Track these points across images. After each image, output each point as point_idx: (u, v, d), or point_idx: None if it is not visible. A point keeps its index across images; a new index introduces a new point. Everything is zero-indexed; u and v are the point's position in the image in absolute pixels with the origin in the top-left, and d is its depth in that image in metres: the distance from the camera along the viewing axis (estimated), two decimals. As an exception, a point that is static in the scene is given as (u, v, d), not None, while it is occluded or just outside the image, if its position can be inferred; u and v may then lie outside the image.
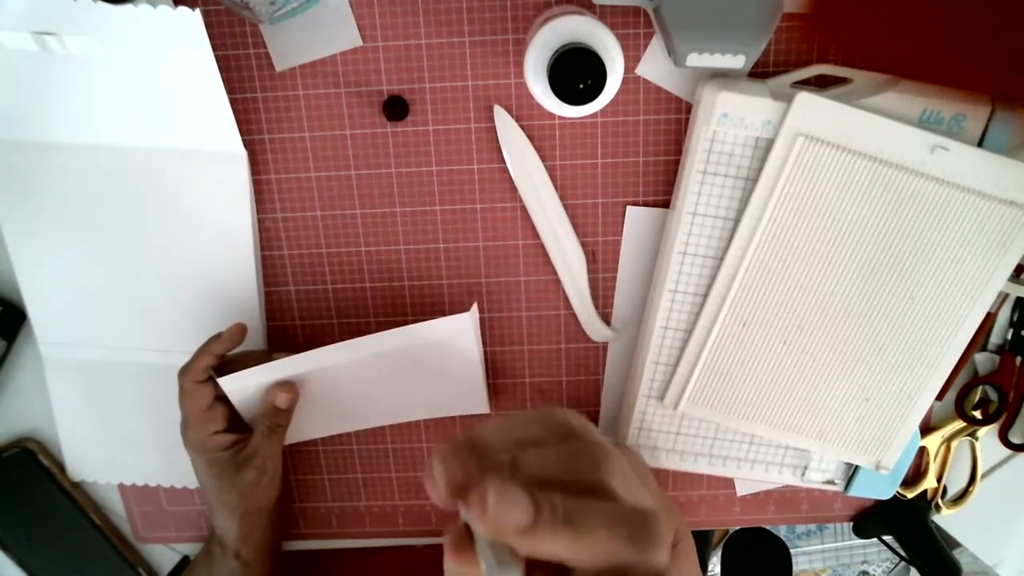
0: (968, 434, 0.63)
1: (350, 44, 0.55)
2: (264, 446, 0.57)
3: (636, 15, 0.54)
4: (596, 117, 0.56)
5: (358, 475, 0.66)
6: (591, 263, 0.59)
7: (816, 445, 0.59)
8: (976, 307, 0.54)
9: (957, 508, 0.65)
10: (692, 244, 0.55)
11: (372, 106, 0.56)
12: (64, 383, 0.63)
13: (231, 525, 0.58)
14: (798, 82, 0.53)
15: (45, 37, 0.51)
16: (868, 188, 0.51)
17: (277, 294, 0.61)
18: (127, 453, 0.65)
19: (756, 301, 0.55)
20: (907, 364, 0.56)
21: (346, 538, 0.68)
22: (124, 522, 0.68)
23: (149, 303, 0.60)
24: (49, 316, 0.61)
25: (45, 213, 0.58)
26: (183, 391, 0.56)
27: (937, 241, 0.52)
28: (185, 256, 0.59)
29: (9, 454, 0.65)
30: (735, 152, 0.52)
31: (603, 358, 0.62)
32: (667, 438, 0.61)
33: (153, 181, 0.57)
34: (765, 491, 0.66)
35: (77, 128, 0.55)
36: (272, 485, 0.59)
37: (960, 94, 0.50)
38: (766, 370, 0.57)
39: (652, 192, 0.58)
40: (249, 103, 0.56)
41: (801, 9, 0.52)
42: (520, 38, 0.54)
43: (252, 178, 0.58)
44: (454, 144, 0.57)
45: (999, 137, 0.51)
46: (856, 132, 0.50)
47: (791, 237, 0.53)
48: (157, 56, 0.51)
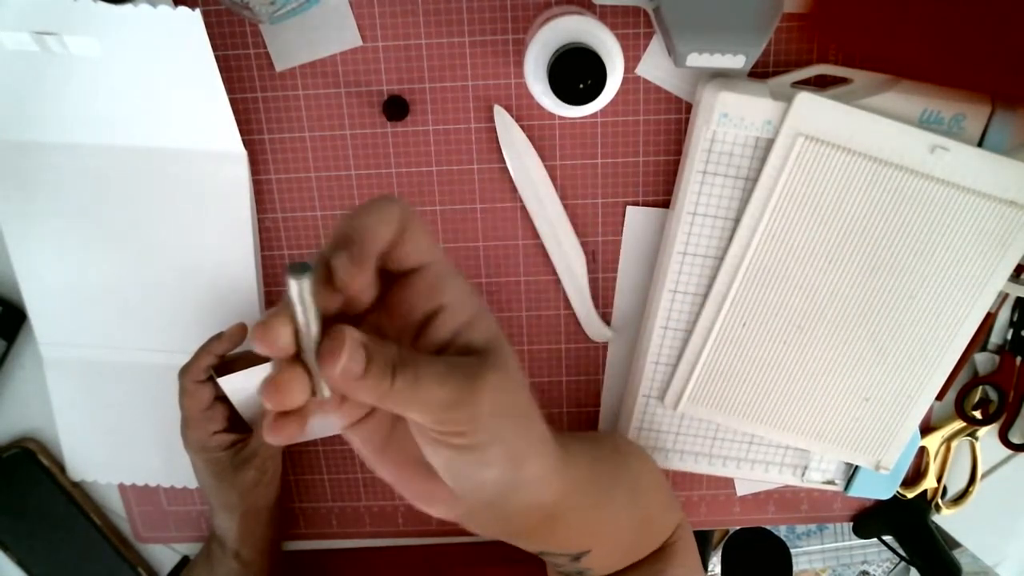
0: (968, 434, 0.63)
1: (350, 44, 0.55)
2: (264, 446, 0.57)
3: (636, 15, 0.54)
4: (596, 117, 0.56)
5: (358, 475, 0.66)
6: (591, 263, 0.59)
7: (816, 445, 0.59)
8: (976, 307, 0.54)
9: (957, 508, 0.65)
10: (692, 244, 0.55)
11: (372, 106, 0.56)
12: (64, 383, 0.63)
13: (231, 525, 0.58)
14: (798, 82, 0.53)
15: (45, 37, 0.51)
16: (868, 188, 0.51)
17: (277, 294, 0.61)
18: (127, 453, 0.65)
19: (756, 301, 0.55)
20: (907, 364, 0.56)
21: (346, 538, 0.68)
22: (124, 522, 0.68)
23: (149, 303, 0.60)
24: (49, 316, 0.61)
25: (45, 213, 0.58)
26: (183, 391, 0.56)
27: (937, 241, 0.52)
28: (185, 256, 0.59)
29: (9, 454, 0.65)
30: (735, 152, 0.52)
31: (603, 358, 0.62)
32: (667, 438, 0.61)
33: (153, 181, 0.57)
34: (765, 491, 0.66)
35: (77, 128, 0.55)
36: (272, 485, 0.59)
37: (960, 94, 0.50)
38: (766, 370, 0.57)
39: (652, 192, 0.58)
40: (249, 103, 0.56)
41: (801, 9, 0.52)
42: (520, 38, 0.54)
43: (252, 178, 0.58)
44: (454, 144, 0.57)
45: (999, 137, 0.51)
46: (856, 132, 0.50)
47: (791, 237, 0.53)
48: (157, 56, 0.51)
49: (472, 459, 0.30)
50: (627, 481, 0.45)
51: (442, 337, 0.29)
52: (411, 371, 0.27)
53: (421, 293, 0.29)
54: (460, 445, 0.29)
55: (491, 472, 0.30)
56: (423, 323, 0.29)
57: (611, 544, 0.44)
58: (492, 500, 0.32)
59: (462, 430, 0.29)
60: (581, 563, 0.42)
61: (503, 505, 0.32)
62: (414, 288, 0.29)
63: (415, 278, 0.29)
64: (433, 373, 0.28)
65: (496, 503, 0.32)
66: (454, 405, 0.28)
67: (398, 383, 0.27)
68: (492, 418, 0.29)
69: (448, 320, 0.29)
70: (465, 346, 0.29)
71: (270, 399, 0.26)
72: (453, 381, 0.28)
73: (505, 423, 0.30)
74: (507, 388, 0.30)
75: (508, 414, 0.30)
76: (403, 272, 0.29)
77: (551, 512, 0.35)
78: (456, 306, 0.29)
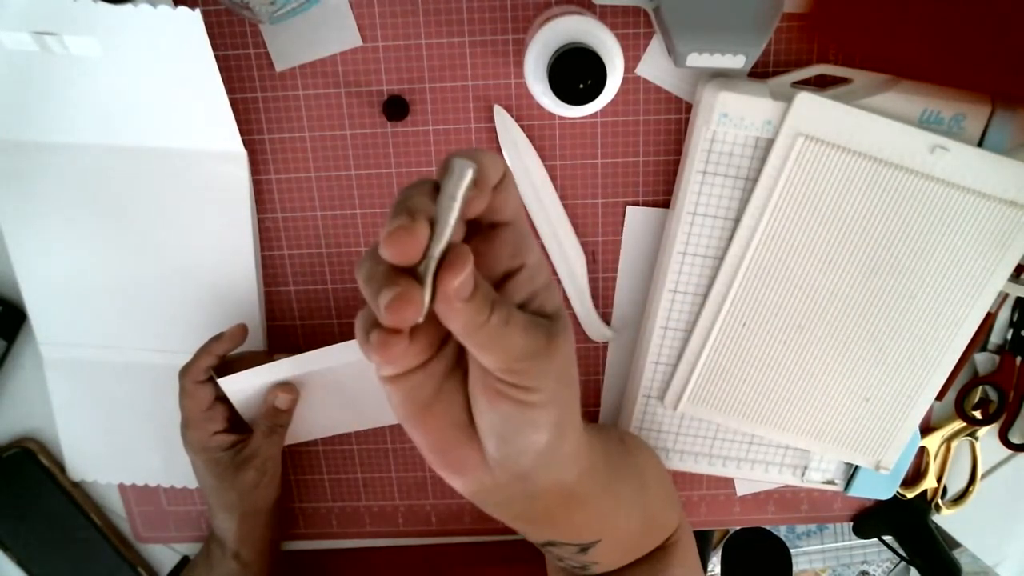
0: (968, 434, 0.63)
1: (350, 44, 0.55)
2: (264, 446, 0.57)
3: (636, 15, 0.54)
4: (596, 117, 0.56)
5: (358, 475, 0.66)
6: (591, 263, 0.59)
7: (816, 445, 0.59)
8: (976, 307, 0.54)
9: (957, 508, 0.65)
10: (692, 244, 0.55)
11: (372, 106, 0.56)
12: (64, 383, 0.63)
13: (230, 525, 0.58)
14: (798, 82, 0.53)
15: (45, 37, 0.51)
16: (868, 188, 0.51)
17: (277, 294, 0.61)
18: (127, 453, 0.65)
19: (756, 301, 0.55)
20: (907, 364, 0.56)
21: (346, 538, 0.68)
22: (124, 522, 0.68)
23: (149, 303, 0.60)
24: (49, 316, 0.61)
25: (45, 213, 0.58)
26: (183, 391, 0.56)
27: (937, 241, 0.52)
28: (185, 256, 0.59)
29: (9, 454, 0.65)
30: (735, 152, 0.52)
31: (603, 358, 0.62)
32: (667, 438, 0.61)
33: (153, 181, 0.57)
34: (765, 491, 0.66)
35: (77, 128, 0.55)
36: (272, 485, 0.59)
37: (960, 94, 0.50)
38: (766, 370, 0.57)
39: (652, 192, 0.58)
40: (249, 103, 0.56)
41: (801, 9, 0.52)
42: (520, 38, 0.54)
43: (252, 178, 0.58)
44: (454, 144, 0.57)
45: (999, 137, 0.51)
46: (856, 132, 0.50)
47: (791, 237, 0.53)
48: (157, 56, 0.51)
49: (528, 418, 0.30)
50: (633, 473, 0.45)
51: (521, 296, 0.30)
52: (505, 311, 0.27)
53: (508, 248, 0.29)
54: (522, 401, 0.29)
55: (540, 436, 0.31)
56: (503, 278, 0.30)
57: (619, 536, 0.43)
58: (527, 472, 0.32)
59: (530, 385, 0.29)
60: (588, 555, 0.41)
61: (535, 479, 0.32)
62: (502, 241, 0.29)
63: (504, 232, 0.29)
64: (522, 320, 0.28)
65: (529, 476, 0.32)
66: (532, 355, 0.28)
67: (493, 319, 0.27)
68: (556, 381, 0.30)
69: (527, 280, 0.30)
70: (539, 309, 0.30)
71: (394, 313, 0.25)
72: (536, 333, 0.29)
73: (564, 390, 0.31)
74: (570, 357, 0.31)
75: (566, 382, 0.31)
76: (490, 224, 0.29)
77: (572, 492, 0.36)
78: (536, 268, 0.30)
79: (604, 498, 0.39)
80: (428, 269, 0.25)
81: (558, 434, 0.31)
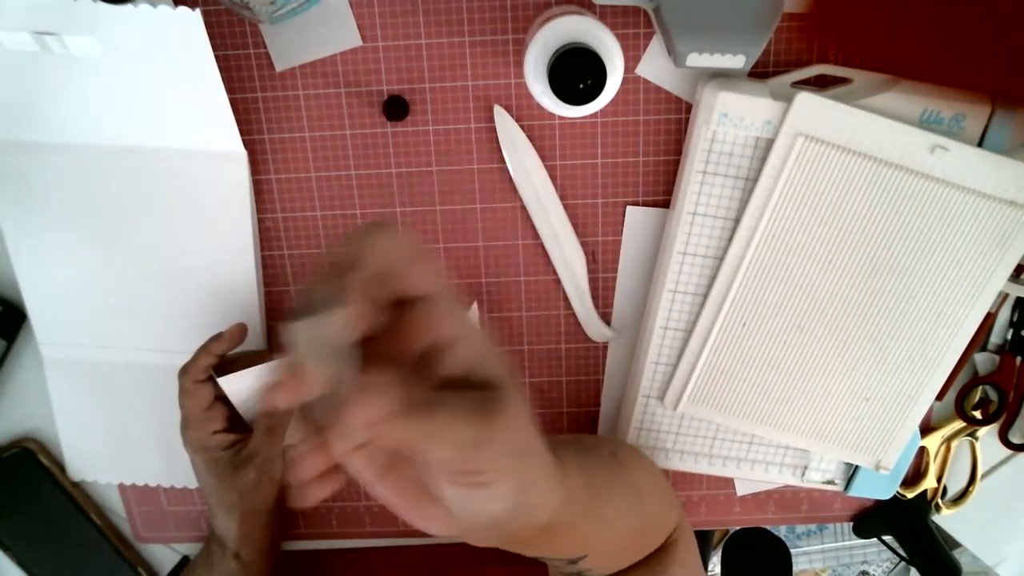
0: (968, 434, 0.63)
1: (350, 44, 0.55)
2: (264, 446, 0.57)
3: (636, 15, 0.54)
4: (596, 117, 0.56)
5: (358, 475, 0.66)
6: (591, 263, 0.59)
7: (816, 445, 0.59)
8: (976, 307, 0.54)
9: (957, 508, 0.65)
10: (692, 244, 0.55)
11: (372, 106, 0.56)
12: (64, 383, 0.63)
13: (230, 525, 0.58)
14: (798, 82, 0.53)
15: (45, 37, 0.51)
16: (868, 188, 0.51)
17: (277, 294, 0.61)
18: (127, 453, 0.65)
19: (756, 301, 0.55)
20: (907, 364, 0.56)
21: (346, 538, 0.68)
22: (124, 522, 0.68)
23: (149, 303, 0.60)
24: (49, 316, 0.61)
25: (45, 213, 0.58)
26: (183, 391, 0.56)
27: (937, 241, 0.52)
28: (185, 256, 0.59)
29: (9, 454, 0.65)
30: (735, 152, 0.52)
31: (603, 358, 0.62)
32: (667, 438, 0.61)
33: (153, 181, 0.57)
34: (765, 491, 0.66)
35: (77, 128, 0.55)
36: (272, 485, 0.59)
37: (960, 94, 0.50)
38: (766, 370, 0.57)
39: (652, 192, 0.58)
40: (249, 103, 0.56)
41: (801, 9, 0.52)
42: (520, 38, 0.54)
43: (252, 178, 0.58)
44: (454, 144, 0.57)
45: (999, 137, 0.51)
46: (856, 132, 0.50)
47: (791, 237, 0.53)
48: (157, 56, 0.51)
49: (484, 495, 0.30)
50: (625, 487, 0.46)
51: (455, 368, 0.29)
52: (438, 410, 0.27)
53: (432, 321, 0.29)
54: (475, 483, 0.29)
55: (499, 505, 0.30)
56: (428, 354, 0.29)
57: (608, 548, 0.44)
58: (495, 523, 0.32)
59: (480, 468, 0.29)
60: (579, 566, 0.42)
61: (505, 525, 0.32)
62: (424, 315, 0.29)
63: (425, 305, 0.29)
64: (456, 412, 0.27)
65: (499, 524, 0.32)
66: (474, 443, 0.28)
67: (425, 423, 0.26)
68: (511, 455, 0.29)
69: (461, 352, 0.29)
70: (482, 380, 0.29)
71: (303, 467, 0.26)
72: (468, 420, 0.28)
73: (518, 460, 0.30)
74: (521, 425, 0.30)
75: (521, 451, 0.30)
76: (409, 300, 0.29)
77: (548, 525, 0.36)
78: (469, 337, 0.29)
79: (585, 522, 0.39)
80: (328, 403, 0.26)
81: (520, 494, 0.31)
